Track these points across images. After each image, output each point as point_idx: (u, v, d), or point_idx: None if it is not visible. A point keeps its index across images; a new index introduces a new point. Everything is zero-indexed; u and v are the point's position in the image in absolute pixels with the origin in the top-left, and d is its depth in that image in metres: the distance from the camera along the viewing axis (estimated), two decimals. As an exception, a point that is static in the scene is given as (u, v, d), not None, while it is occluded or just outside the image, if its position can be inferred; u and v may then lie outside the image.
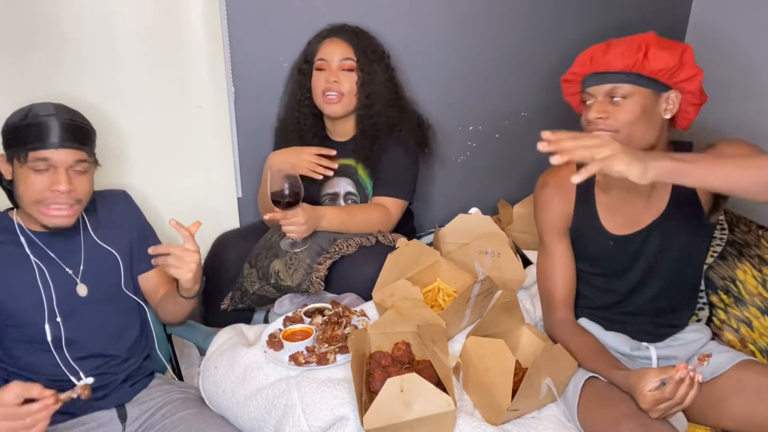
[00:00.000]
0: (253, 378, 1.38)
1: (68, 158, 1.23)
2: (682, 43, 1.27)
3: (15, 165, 1.23)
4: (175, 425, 1.33)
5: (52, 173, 1.22)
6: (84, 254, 1.35)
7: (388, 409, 1.16)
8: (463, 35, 2.08)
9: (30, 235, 1.30)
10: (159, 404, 1.39)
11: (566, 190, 1.42)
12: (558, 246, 1.44)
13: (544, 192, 1.44)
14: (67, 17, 1.60)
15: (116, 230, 1.42)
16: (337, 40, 1.74)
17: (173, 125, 1.80)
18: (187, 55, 1.75)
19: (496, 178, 2.33)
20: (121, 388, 1.38)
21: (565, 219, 1.43)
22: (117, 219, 1.43)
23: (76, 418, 1.33)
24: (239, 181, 1.96)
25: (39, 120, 1.21)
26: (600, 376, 1.30)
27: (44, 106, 1.25)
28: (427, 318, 1.39)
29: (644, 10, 2.33)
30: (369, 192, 1.80)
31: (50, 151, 1.20)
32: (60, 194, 1.22)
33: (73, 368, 1.31)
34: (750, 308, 1.58)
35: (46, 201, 1.23)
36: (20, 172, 1.22)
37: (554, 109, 2.32)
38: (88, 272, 1.35)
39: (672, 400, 1.10)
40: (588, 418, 1.25)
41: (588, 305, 1.48)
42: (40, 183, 1.21)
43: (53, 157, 1.21)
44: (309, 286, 1.59)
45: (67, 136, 1.22)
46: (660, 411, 1.13)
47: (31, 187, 1.21)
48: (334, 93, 1.73)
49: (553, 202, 1.43)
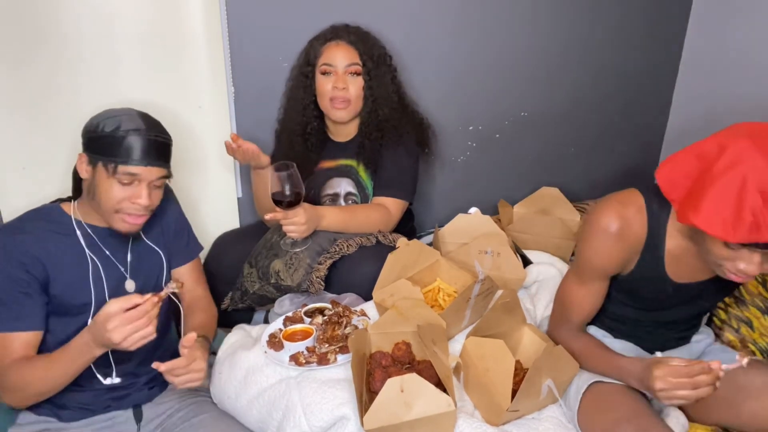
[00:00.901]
0: (254, 381, 1.39)
1: (153, 175, 1.28)
2: None
3: (98, 170, 1.27)
4: (195, 429, 1.33)
5: (135, 186, 1.27)
6: (131, 251, 1.39)
7: (389, 410, 1.16)
8: (464, 35, 2.08)
9: (86, 228, 1.34)
10: (176, 407, 1.40)
11: (633, 236, 1.23)
12: (596, 284, 1.32)
13: (607, 236, 1.23)
14: (67, 17, 1.60)
15: (160, 229, 1.45)
16: (343, 44, 1.73)
17: (173, 125, 1.79)
18: (187, 55, 1.75)
19: (496, 178, 2.33)
20: (141, 390, 1.40)
21: (621, 265, 1.28)
22: (161, 217, 1.45)
23: (92, 417, 1.35)
24: (239, 181, 1.96)
25: (130, 134, 1.25)
26: (605, 378, 1.28)
27: (132, 117, 1.29)
28: (427, 318, 1.39)
29: (644, 10, 2.33)
30: (369, 192, 1.80)
31: (139, 167, 1.26)
32: (140, 207, 1.28)
33: (108, 364, 1.33)
34: (750, 308, 1.58)
35: (124, 210, 1.28)
36: (105, 180, 1.26)
37: (554, 109, 2.33)
38: (135, 269, 1.39)
39: (689, 379, 1.08)
40: (587, 421, 1.25)
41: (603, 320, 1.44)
42: (123, 193, 1.27)
43: (141, 174, 1.26)
44: (309, 285, 1.59)
45: (155, 154, 1.28)
46: (670, 384, 1.09)
47: (114, 196, 1.26)
48: (342, 100, 1.73)
49: (615, 249, 1.25)
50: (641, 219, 1.22)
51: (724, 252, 1.08)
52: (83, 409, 1.34)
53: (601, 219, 1.24)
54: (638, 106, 2.51)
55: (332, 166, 1.84)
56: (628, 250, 1.25)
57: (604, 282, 1.32)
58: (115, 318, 1.10)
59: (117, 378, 1.33)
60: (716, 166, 1.03)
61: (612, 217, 1.23)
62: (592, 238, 1.26)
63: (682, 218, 1.08)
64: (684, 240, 1.22)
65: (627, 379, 1.23)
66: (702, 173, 1.06)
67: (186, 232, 1.54)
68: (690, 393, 1.09)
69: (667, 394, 1.11)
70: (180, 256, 1.50)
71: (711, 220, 1.02)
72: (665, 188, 1.12)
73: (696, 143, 1.10)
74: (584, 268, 1.31)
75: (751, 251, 1.05)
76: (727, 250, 1.07)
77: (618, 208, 1.23)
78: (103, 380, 1.32)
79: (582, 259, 1.31)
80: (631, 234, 1.23)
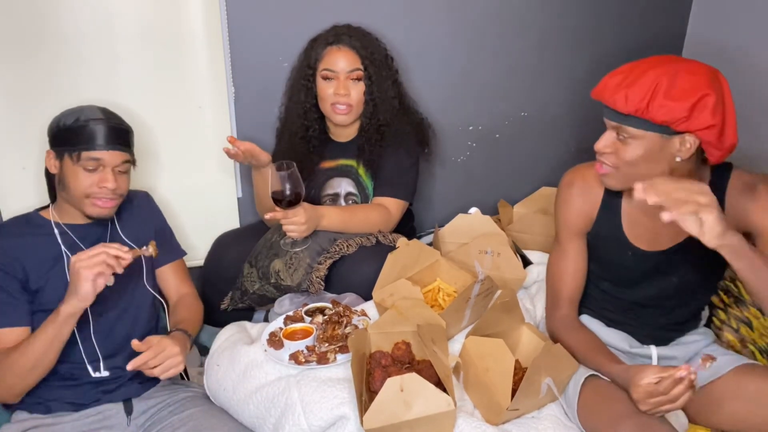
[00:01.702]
0: (253, 376, 1.39)
1: (115, 159, 1.37)
2: (703, 89, 1.13)
3: (65, 162, 1.36)
4: (183, 422, 1.35)
5: (100, 172, 1.36)
6: None
7: (388, 409, 1.16)
8: (464, 35, 2.08)
9: (63, 227, 1.41)
10: (166, 401, 1.42)
11: (592, 193, 1.38)
12: (573, 246, 1.43)
13: (569, 191, 1.40)
14: (67, 17, 1.60)
15: (138, 228, 1.52)
16: (345, 49, 1.72)
17: (173, 125, 1.80)
18: (187, 55, 1.75)
19: (496, 178, 2.33)
20: (130, 384, 1.42)
21: (586, 221, 1.40)
22: (139, 217, 1.54)
23: (83, 410, 1.37)
24: (239, 181, 1.96)
25: (90, 123, 1.35)
26: (600, 374, 1.29)
27: (91, 109, 1.39)
28: (427, 318, 1.39)
29: (643, 9, 2.33)
30: (370, 192, 1.80)
31: (101, 152, 1.35)
32: (107, 190, 1.36)
33: (95, 357, 1.38)
34: (750, 308, 1.58)
35: (94, 195, 1.37)
36: (71, 169, 1.35)
37: (554, 109, 2.33)
38: None
39: (665, 396, 1.10)
40: (588, 417, 1.25)
41: (592, 305, 1.48)
42: (90, 179, 1.35)
43: (103, 158, 1.35)
44: (309, 285, 1.59)
45: (115, 138, 1.37)
46: (650, 405, 1.12)
47: (81, 183, 1.35)
48: (344, 105, 1.73)
49: (577, 202, 1.40)
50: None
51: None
52: (74, 403, 1.37)
53: (564, 177, 1.43)
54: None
55: (332, 166, 1.84)
56: (589, 203, 1.39)
57: (578, 241, 1.42)
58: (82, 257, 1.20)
59: (105, 371, 1.38)
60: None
61: (573, 174, 1.41)
62: (559, 197, 1.43)
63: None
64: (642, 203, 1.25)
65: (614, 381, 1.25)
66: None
67: (167, 234, 1.63)
68: (672, 406, 1.12)
69: (652, 412, 1.14)
70: (163, 257, 1.56)
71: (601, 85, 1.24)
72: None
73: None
74: (558, 229, 1.45)
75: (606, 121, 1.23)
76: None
77: (580, 169, 1.41)
78: (92, 373, 1.36)
79: (556, 222, 1.45)
80: (590, 188, 1.38)
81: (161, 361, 1.28)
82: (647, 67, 1.19)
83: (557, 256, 1.45)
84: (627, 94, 1.17)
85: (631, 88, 1.17)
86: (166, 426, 1.35)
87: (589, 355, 1.32)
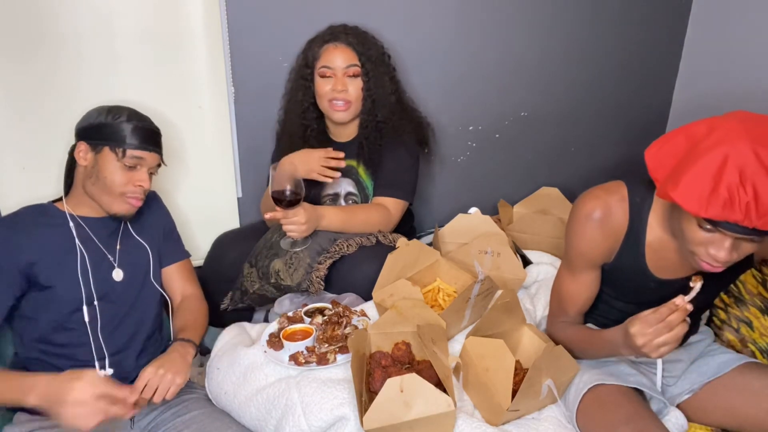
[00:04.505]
0: (253, 378, 1.39)
1: (154, 161, 1.43)
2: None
3: (104, 156, 1.37)
4: (186, 425, 1.34)
5: (137, 171, 1.40)
6: (120, 243, 1.47)
7: (388, 410, 1.16)
8: (464, 35, 2.08)
9: (78, 220, 1.42)
10: (170, 403, 1.40)
11: (616, 226, 1.26)
12: (587, 274, 1.33)
13: (589, 224, 1.26)
14: (66, 17, 1.60)
15: (148, 226, 1.54)
16: (342, 46, 1.73)
17: (173, 125, 1.80)
18: (187, 55, 1.75)
19: (496, 178, 2.33)
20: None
21: (605, 254, 1.29)
22: (148, 216, 1.55)
23: None
24: (239, 181, 1.96)
25: (138, 123, 1.40)
26: (605, 380, 1.28)
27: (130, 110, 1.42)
28: (427, 318, 1.39)
29: (643, 10, 2.33)
30: (370, 192, 1.80)
31: (145, 152, 1.40)
32: (142, 190, 1.41)
33: (102, 354, 1.38)
34: (750, 308, 1.58)
35: (129, 193, 1.40)
36: (112, 163, 1.38)
37: (554, 109, 2.33)
38: (124, 259, 1.46)
39: (663, 323, 1.09)
40: (586, 422, 1.25)
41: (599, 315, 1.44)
42: (126, 177, 1.39)
43: (146, 158, 1.40)
44: (309, 285, 1.59)
45: (156, 141, 1.44)
46: (649, 336, 1.10)
47: (119, 179, 1.38)
48: (342, 102, 1.73)
49: (597, 237, 1.26)
50: (623, 208, 1.24)
51: (698, 235, 1.08)
52: None
53: (585, 206, 1.27)
54: (638, 107, 2.51)
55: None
56: (611, 237, 1.27)
57: (594, 272, 1.33)
58: (86, 404, 1.10)
59: (110, 369, 1.38)
60: (702, 145, 1.03)
61: (595, 204, 1.25)
62: (577, 226, 1.28)
63: (662, 194, 1.07)
64: (664, 233, 1.23)
65: (615, 349, 1.22)
66: (688, 151, 1.05)
67: (175, 234, 1.64)
68: (669, 336, 1.10)
69: (650, 346, 1.11)
70: (169, 257, 1.59)
71: (687, 195, 1.01)
72: (651, 166, 1.12)
73: (687, 125, 1.10)
74: (572, 257, 1.33)
75: (722, 234, 1.05)
76: (700, 233, 1.07)
77: (601, 196, 1.26)
78: (98, 371, 1.34)
79: (569, 248, 1.33)
80: (613, 221, 1.25)
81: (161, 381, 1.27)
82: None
83: (568, 279, 1.36)
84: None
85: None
86: (169, 428, 1.35)
87: (583, 338, 1.31)
